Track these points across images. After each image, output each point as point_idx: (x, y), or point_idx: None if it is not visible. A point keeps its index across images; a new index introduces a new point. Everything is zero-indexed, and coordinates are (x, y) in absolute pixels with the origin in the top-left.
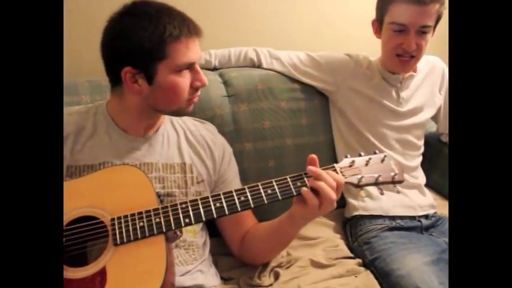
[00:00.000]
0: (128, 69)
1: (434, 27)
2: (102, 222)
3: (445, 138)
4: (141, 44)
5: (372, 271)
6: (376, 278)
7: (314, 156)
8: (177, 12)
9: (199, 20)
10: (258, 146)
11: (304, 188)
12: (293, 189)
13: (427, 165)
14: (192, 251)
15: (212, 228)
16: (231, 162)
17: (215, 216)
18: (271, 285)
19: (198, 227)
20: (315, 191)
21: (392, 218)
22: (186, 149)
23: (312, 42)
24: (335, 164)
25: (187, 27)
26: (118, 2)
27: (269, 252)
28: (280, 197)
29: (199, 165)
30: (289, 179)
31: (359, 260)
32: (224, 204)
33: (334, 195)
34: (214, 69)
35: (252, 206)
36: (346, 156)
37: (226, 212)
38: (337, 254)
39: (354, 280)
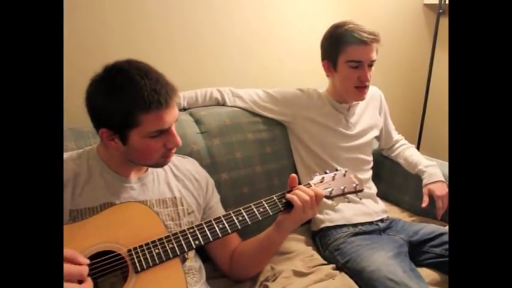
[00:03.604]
0: (104, 130)
1: None
2: (119, 254)
3: (386, 153)
4: (113, 113)
5: (346, 272)
6: (351, 277)
7: (294, 175)
8: (151, 80)
9: (165, 65)
10: (233, 175)
11: (289, 195)
12: (280, 205)
13: (373, 177)
14: (192, 275)
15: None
16: (214, 191)
17: (220, 235)
18: None
19: (192, 253)
20: None
21: (355, 225)
22: (174, 184)
23: (265, 79)
24: (310, 181)
25: (157, 100)
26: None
27: (258, 264)
28: (271, 213)
29: (188, 198)
30: (275, 198)
31: (333, 265)
32: (226, 225)
33: (307, 198)
34: (184, 109)
35: (249, 222)
36: (315, 175)
37: (229, 231)
38: (314, 262)
39: (333, 282)
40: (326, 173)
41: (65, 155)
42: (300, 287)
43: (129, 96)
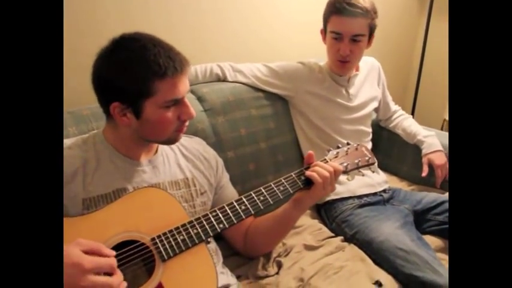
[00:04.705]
0: (116, 104)
1: (370, 37)
2: (143, 243)
3: (384, 124)
4: (127, 83)
5: (355, 244)
6: (360, 248)
7: (311, 152)
8: (164, 49)
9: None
10: (238, 152)
11: (309, 172)
12: (299, 183)
13: (371, 149)
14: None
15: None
16: (224, 170)
17: (244, 217)
18: (277, 273)
19: None
20: None
21: (360, 197)
22: (184, 164)
23: (266, 52)
24: (325, 157)
25: (173, 66)
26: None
27: (273, 241)
28: (291, 191)
29: (199, 178)
30: (294, 175)
31: (341, 237)
32: (248, 206)
33: (327, 174)
34: None
35: (271, 202)
36: (329, 150)
37: (252, 212)
38: (323, 235)
39: (343, 254)
40: (338, 147)
41: (70, 141)
42: (312, 260)
43: (144, 64)
